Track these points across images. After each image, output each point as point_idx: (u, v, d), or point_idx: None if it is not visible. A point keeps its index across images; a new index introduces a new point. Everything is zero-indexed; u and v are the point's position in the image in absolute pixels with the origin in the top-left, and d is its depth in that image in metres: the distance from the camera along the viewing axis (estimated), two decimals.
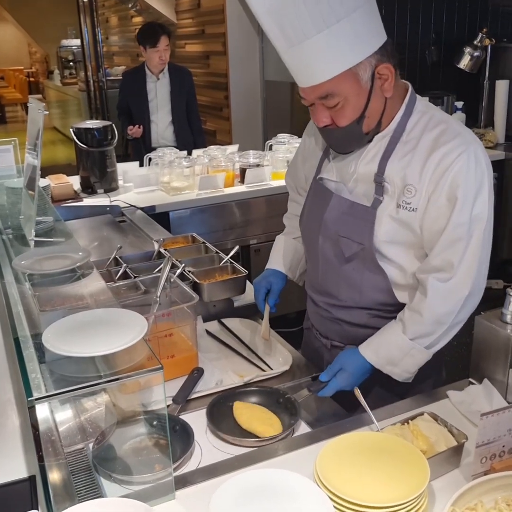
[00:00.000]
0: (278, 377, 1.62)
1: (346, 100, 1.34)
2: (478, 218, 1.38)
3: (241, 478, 1.09)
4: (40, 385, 1.08)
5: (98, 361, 1.15)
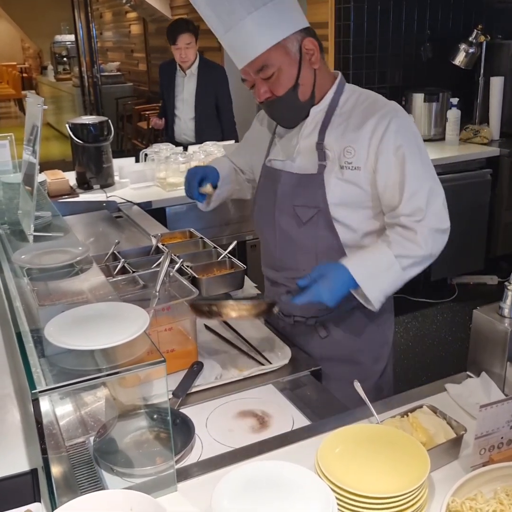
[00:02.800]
0: (277, 371, 1.62)
1: (280, 70, 1.53)
2: (428, 163, 1.59)
3: (242, 470, 1.10)
4: (41, 378, 1.09)
5: (100, 355, 1.15)
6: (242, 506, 1.02)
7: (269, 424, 1.43)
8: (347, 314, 1.72)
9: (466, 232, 4.07)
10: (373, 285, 1.53)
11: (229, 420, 1.45)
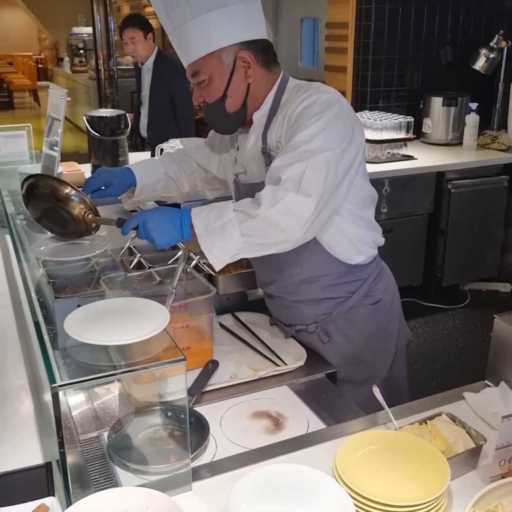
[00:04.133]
0: (292, 373, 1.61)
1: (211, 79, 1.52)
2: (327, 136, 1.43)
3: (260, 472, 1.09)
4: (57, 372, 1.07)
5: (119, 351, 1.14)
6: (259, 509, 1.01)
7: (284, 426, 1.42)
8: (345, 315, 1.68)
9: (481, 238, 4.04)
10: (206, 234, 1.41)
11: (244, 420, 1.44)
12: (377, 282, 1.68)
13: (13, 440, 1.35)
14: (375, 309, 1.69)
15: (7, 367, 1.64)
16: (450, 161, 4.01)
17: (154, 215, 1.46)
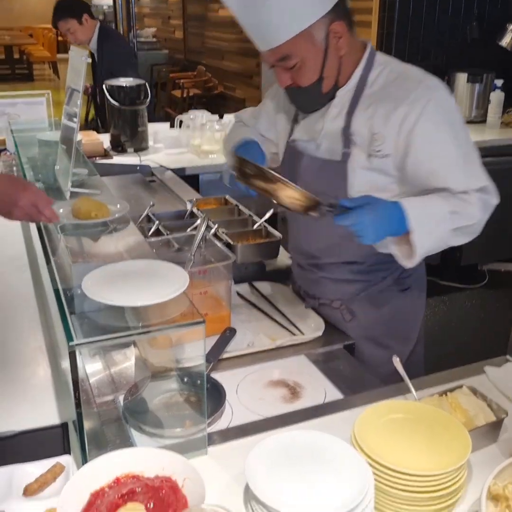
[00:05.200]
0: (309, 343, 1.59)
1: (303, 61, 1.39)
2: (466, 144, 1.45)
3: (278, 438, 1.07)
4: (74, 331, 1.06)
5: (137, 312, 1.13)
6: (277, 474, 0.99)
7: (301, 395, 1.40)
8: (372, 297, 1.65)
9: (502, 217, 3.95)
10: (423, 233, 1.35)
11: (260, 389, 1.43)
12: (410, 270, 1.60)
13: (31, 400, 1.35)
14: (403, 296, 1.65)
15: (24, 330, 1.65)
16: (473, 139, 3.92)
17: (375, 216, 1.30)
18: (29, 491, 1.03)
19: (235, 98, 7.34)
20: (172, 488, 0.97)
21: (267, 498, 0.93)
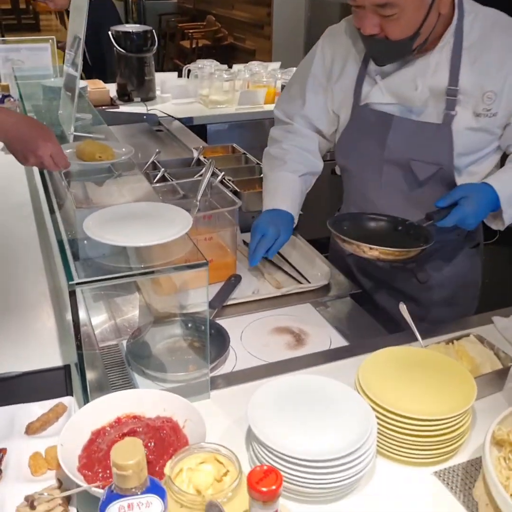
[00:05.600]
0: (315, 291, 1.57)
1: (404, 12, 1.25)
2: None
3: (281, 381, 1.06)
4: (75, 272, 1.04)
5: (139, 254, 1.11)
6: (279, 416, 0.99)
7: (305, 342, 1.39)
8: (448, 256, 1.59)
9: None
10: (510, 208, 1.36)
11: (265, 335, 1.41)
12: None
13: (34, 343, 1.34)
14: (473, 253, 1.61)
15: (28, 275, 1.63)
16: None
17: (474, 207, 1.31)
18: (31, 429, 1.03)
19: (245, 49, 7.19)
20: (173, 428, 0.96)
21: (269, 440, 0.92)
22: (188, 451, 0.79)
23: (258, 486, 0.64)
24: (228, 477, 0.77)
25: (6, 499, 0.90)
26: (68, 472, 0.86)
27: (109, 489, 0.68)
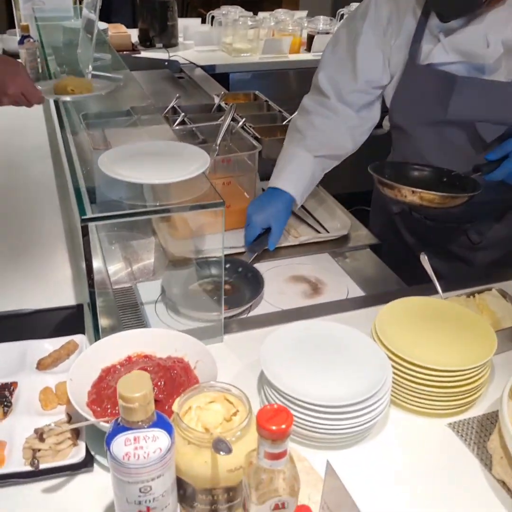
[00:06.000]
0: (335, 241, 1.54)
1: None
2: None
3: (295, 326, 1.04)
4: (89, 207, 1.02)
5: (156, 192, 1.08)
6: (292, 360, 0.97)
7: (322, 292, 1.36)
8: (502, 216, 1.52)
9: None
10: None
11: (281, 283, 1.39)
12: None
13: (48, 282, 1.34)
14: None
15: (45, 216, 1.62)
16: None
17: None
18: (42, 365, 1.02)
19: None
20: (184, 368, 0.95)
21: (281, 383, 0.91)
22: (197, 389, 0.78)
23: (267, 425, 0.62)
24: (237, 417, 0.75)
25: (16, 431, 0.90)
26: (77, 406, 0.85)
27: (115, 422, 0.67)
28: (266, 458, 0.64)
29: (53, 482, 0.86)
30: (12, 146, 2.06)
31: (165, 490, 0.69)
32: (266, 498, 0.65)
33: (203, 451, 0.72)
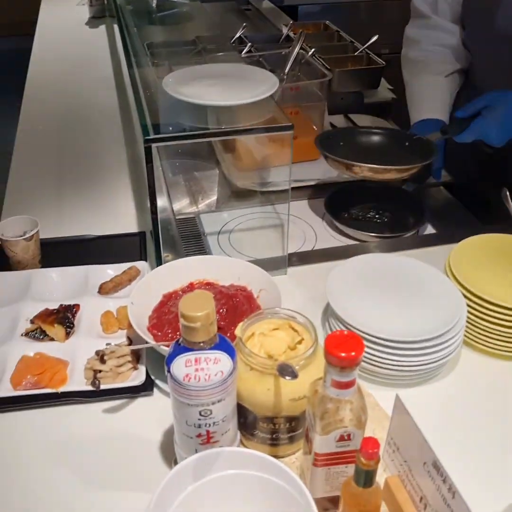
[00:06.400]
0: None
1: None
2: None
3: (363, 258, 0.99)
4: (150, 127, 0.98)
5: (222, 115, 1.03)
6: (361, 293, 0.92)
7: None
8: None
9: None
10: None
11: None
12: None
13: (112, 211, 1.33)
14: None
15: (109, 146, 1.61)
16: None
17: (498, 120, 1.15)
18: (104, 289, 1.01)
19: None
20: (246, 297, 0.92)
21: (348, 316, 0.87)
22: (261, 315, 0.74)
23: (337, 351, 0.58)
24: (302, 345, 0.72)
25: (78, 352, 0.90)
26: (138, 329, 0.83)
27: (176, 343, 0.65)
28: (333, 386, 0.60)
29: (113, 403, 0.85)
30: (76, 78, 2.05)
31: (226, 415, 0.67)
32: (331, 428, 0.62)
33: (266, 378, 0.69)
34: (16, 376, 0.86)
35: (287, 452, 0.76)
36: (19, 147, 1.59)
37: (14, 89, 2.18)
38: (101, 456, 0.79)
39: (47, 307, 0.97)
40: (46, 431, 0.82)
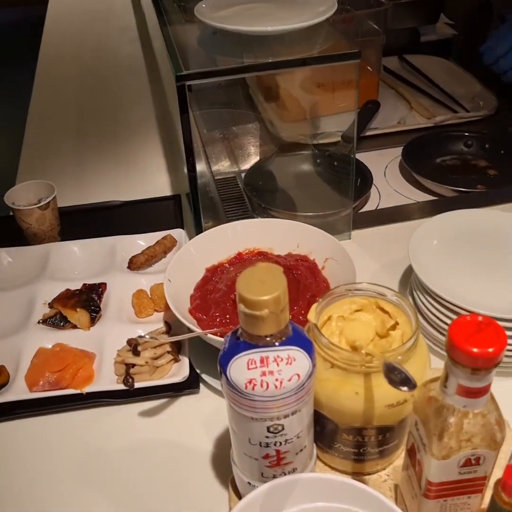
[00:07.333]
0: (478, 123, 1.26)
1: None
2: None
3: (452, 216, 0.80)
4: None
5: (267, 45, 0.84)
6: (448, 259, 0.74)
7: None
8: None
9: None
10: None
11: None
12: None
13: (140, 172, 1.16)
14: None
15: (135, 101, 1.43)
16: None
17: None
18: (135, 264, 0.84)
19: None
20: (309, 268, 0.74)
21: (441, 289, 0.68)
22: (339, 293, 0.56)
23: (467, 345, 0.40)
24: (397, 331, 0.54)
25: (106, 342, 0.74)
26: (178, 313, 0.66)
27: (233, 336, 0.47)
28: (459, 394, 0.43)
29: (150, 405, 0.69)
30: (98, 31, 1.86)
31: (301, 430, 0.50)
32: (454, 450, 0.45)
33: (353, 378, 0.52)
34: (31, 374, 0.70)
35: (376, 468, 0.59)
36: (34, 106, 1.42)
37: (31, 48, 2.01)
38: (136, 471, 0.63)
39: (68, 287, 0.81)
40: (68, 441, 0.67)
